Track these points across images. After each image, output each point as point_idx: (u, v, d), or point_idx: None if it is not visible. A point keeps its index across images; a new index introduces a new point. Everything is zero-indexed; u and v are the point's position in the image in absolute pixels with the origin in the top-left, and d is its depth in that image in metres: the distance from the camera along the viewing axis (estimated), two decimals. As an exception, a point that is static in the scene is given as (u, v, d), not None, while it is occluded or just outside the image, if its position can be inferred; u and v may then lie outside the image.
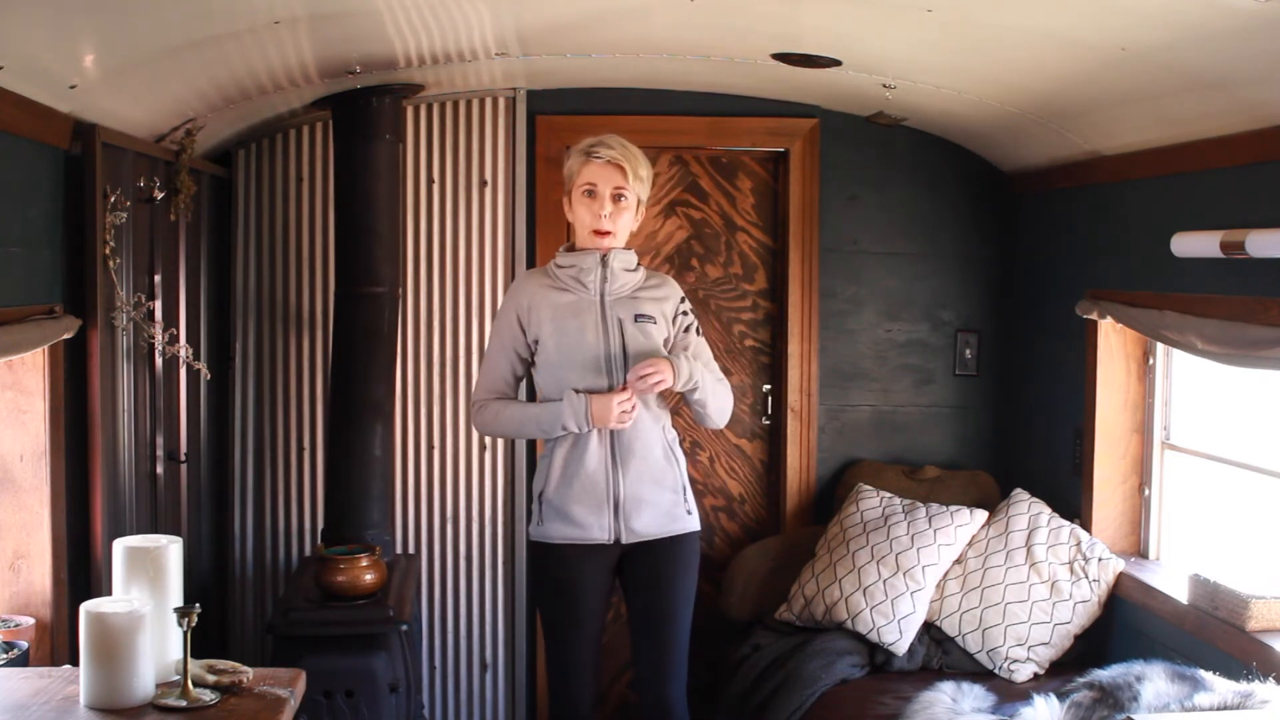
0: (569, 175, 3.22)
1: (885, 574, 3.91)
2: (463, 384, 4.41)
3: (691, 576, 3.30)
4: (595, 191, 3.16)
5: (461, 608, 4.46)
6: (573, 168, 3.20)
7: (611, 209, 3.16)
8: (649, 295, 3.26)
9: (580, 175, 3.18)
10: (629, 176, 3.15)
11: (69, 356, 2.91)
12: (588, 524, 3.20)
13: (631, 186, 3.17)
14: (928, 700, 3.33)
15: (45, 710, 2.24)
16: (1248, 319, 2.91)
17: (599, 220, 3.16)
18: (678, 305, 3.28)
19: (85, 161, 2.92)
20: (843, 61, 3.63)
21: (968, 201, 4.56)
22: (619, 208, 3.18)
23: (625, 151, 3.17)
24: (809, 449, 4.56)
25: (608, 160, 3.14)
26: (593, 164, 3.16)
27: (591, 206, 3.16)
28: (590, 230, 3.18)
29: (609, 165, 3.14)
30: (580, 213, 3.19)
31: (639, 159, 3.20)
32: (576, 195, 3.19)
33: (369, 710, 3.49)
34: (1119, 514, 3.92)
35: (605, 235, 3.18)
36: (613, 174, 3.15)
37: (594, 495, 3.19)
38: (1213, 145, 3.09)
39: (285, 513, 4.40)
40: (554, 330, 3.20)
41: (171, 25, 2.72)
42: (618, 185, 3.16)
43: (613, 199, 3.16)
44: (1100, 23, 2.71)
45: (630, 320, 3.20)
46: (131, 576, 2.40)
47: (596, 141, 3.18)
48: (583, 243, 3.23)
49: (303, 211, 4.36)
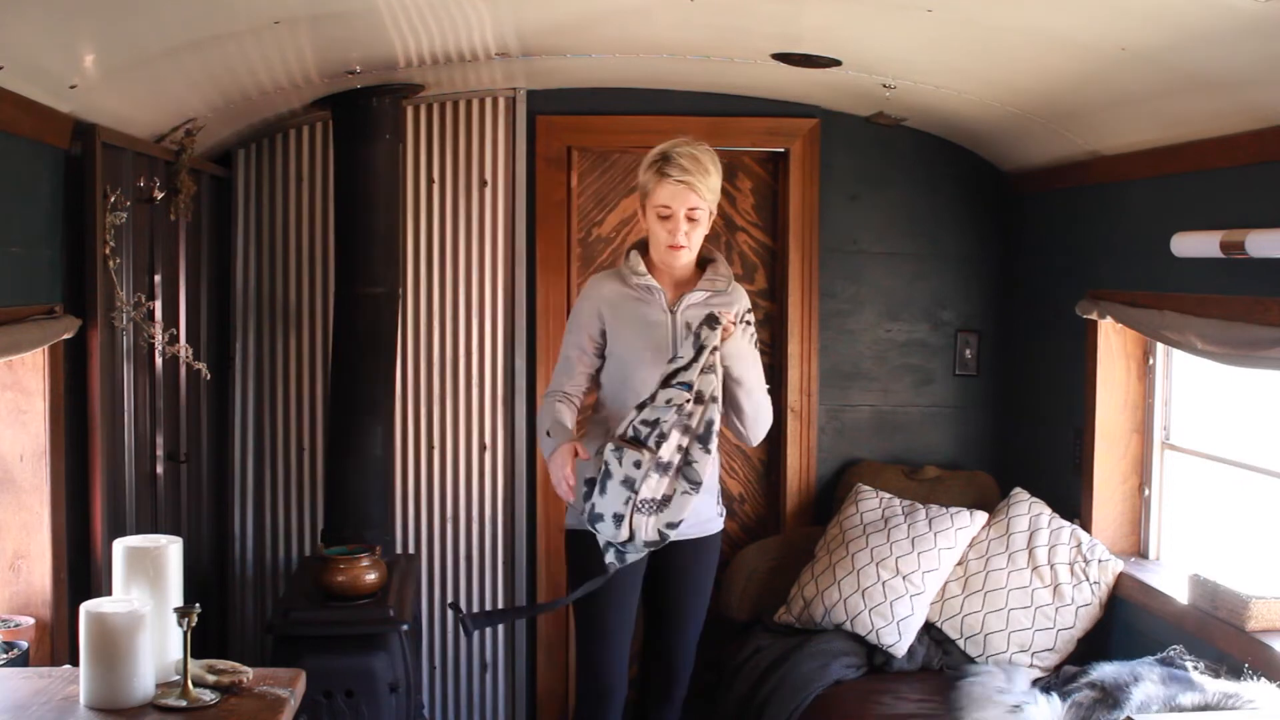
0: (643, 186, 3.24)
1: (885, 576, 3.91)
2: (463, 384, 4.41)
3: (711, 577, 3.49)
4: (670, 213, 3.18)
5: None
6: (646, 183, 3.22)
7: (687, 227, 3.20)
8: (719, 303, 3.28)
9: (654, 195, 3.19)
10: (702, 194, 3.18)
11: (69, 356, 2.92)
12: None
13: (705, 201, 3.20)
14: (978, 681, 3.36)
15: (45, 710, 2.24)
16: (1248, 319, 2.91)
17: (674, 238, 3.20)
18: (743, 314, 3.29)
19: (85, 161, 2.92)
20: (843, 61, 3.63)
21: (968, 201, 4.56)
22: (693, 225, 3.21)
23: (697, 167, 3.16)
24: (809, 449, 4.56)
25: (681, 183, 3.15)
26: (666, 185, 3.16)
27: (666, 225, 3.20)
28: (666, 246, 3.21)
29: (682, 187, 3.15)
30: (655, 230, 3.22)
31: (710, 170, 3.20)
32: (650, 213, 3.23)
33: (369, 710, 3.49)
34: (1119, 514, 3.92)
35: (680, 249, 3.22)
36: (686, 195, 3.16)
37: None
38: (1213, 145, 3.09)
39: (285, 513, 4.40)
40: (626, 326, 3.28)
41: (171, 25, 2.72)
42: (692, 206, 3.18)
43: (687, 219, 3.19)
44: (1100, 23, 2.71)
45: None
46: (131, 576, 2.40)
47: (671, 156, 3.17)
48: (657, 255, 3.26)
49: (303, 211, 4.36)
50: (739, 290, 3.38)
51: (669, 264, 3.27)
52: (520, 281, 4.39)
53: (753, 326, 3.34)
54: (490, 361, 4.41)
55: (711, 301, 3.29)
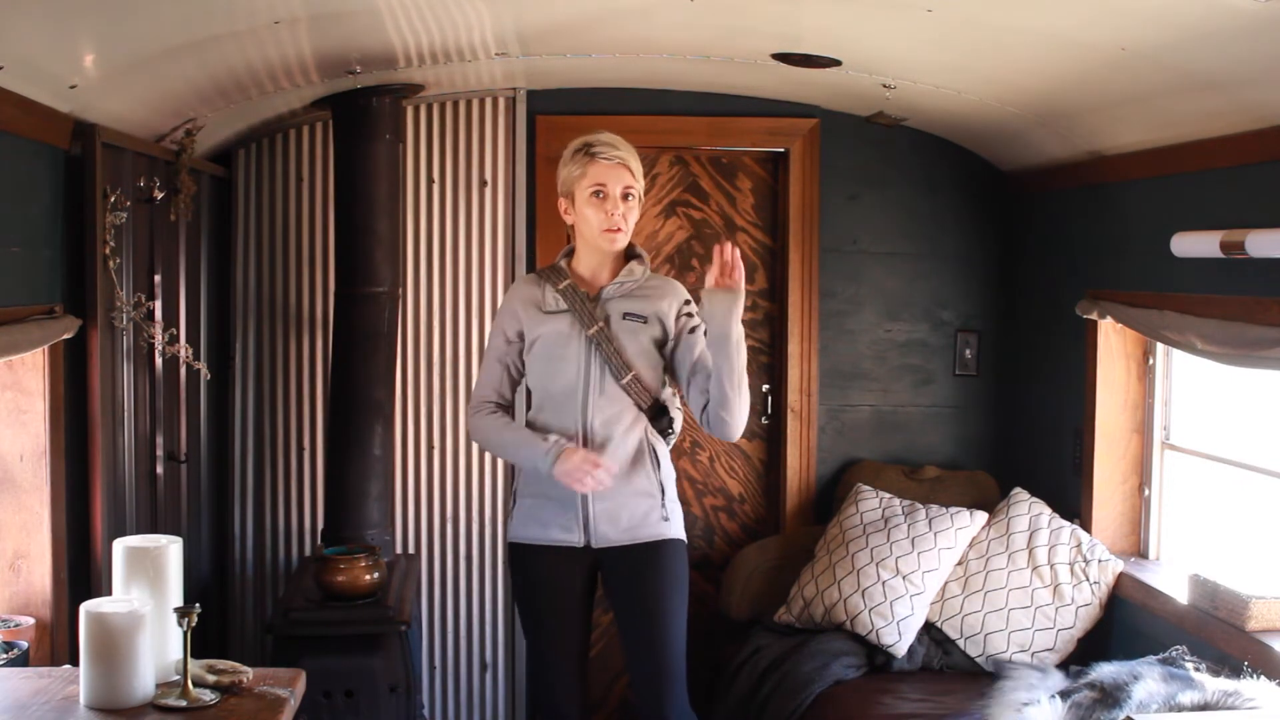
0: (569, 178, 3.15)
1: (885, 576, 3.91)
2: (462, 384, 4.41)
3: (671, 583, 3.15)
4: (605, 192, 3.11)
5: (461, 608, 4.46)
6: (573, 170, 3.14)
7: (623, 208, 3.13)
8: (643, 294, 3.19)
9: (587, 176, 3.12)
10: (635, 174, 3.15)
11: (69, 356, 2.91)
12: (555, 525, 3.14)
13: (638, 183, 3.16)
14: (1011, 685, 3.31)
15: (45, 710, 2.24)
16: (1248, 319, 2.91)
17: (612, 219, 3.12)
18: (680, 307, 3.20)
19: (85, 161, 2.92)
20: (843, 61, 3.63)
21: (968, 201, 4.56)
22: (628, 206, 3.14)
23: (628, 149, 3.15)
24: (809, 449, 4.56)
25: (616, 161, 3.12)
26: (599, 164, 3.11)
27: (603, 206, 3.11)
28: (602, 230, 3.13)
29: (617, 165, 3.12)
30: (589, 214, 3.13)
31: (637, 155, 3.19)
32: (583, 197, 3.13)
33: (369, 710, 3.49)
34: (1119, 514, 3.92)
35: (618, 232, 3.14)
36: (621, 173, 3.12)
37: (563, 496, 3.11)
38: (1213, 145, 3.09)
39: (285, 513, 4.40)
40: (538, 329, 3.19)
41: (171, 25, 2.72)
42: (627, 185, 3.13)
43: (622, 198, 3.13)
44: (1100, 23, 2.71)
45: (618, 317, 3.15)
46: (131, 576, 2.40)
47: (596, 141, 3.14)
48: (593, 242, 3.16)
49: (303, 211, 4.36)
50: (671, 282, 3.24)
51: (605, 249, 3.16)
52: (520, 281, 4.39)
53: (696, 318, 3.17)
54: (490, 361, 4.41)
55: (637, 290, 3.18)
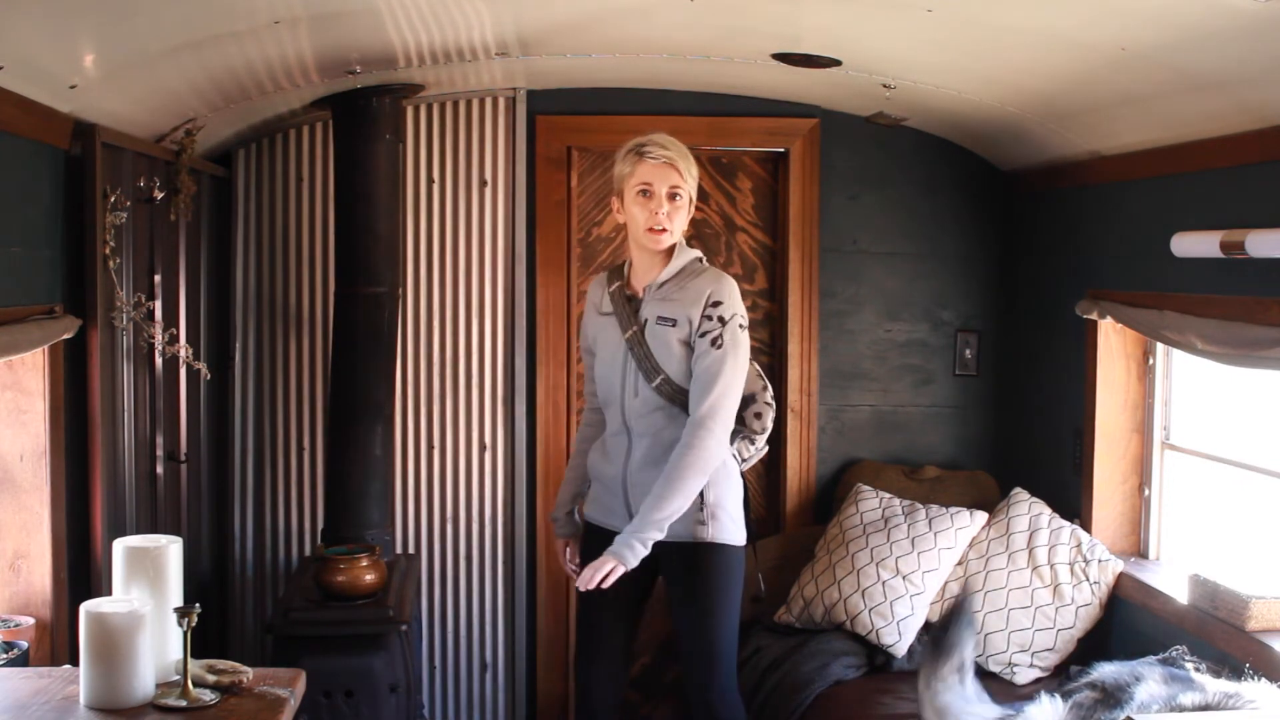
0: (620, 176, 3.20)
1: (885, 576, 3.91)
2: (462, 384, 4.41)
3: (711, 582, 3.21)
4: (651, 191, 3.14)
5: (461, 608, 4.46)
6: (624, 169, 3.18)
7: (668, 208, 3.15)
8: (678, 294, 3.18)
9: (634, 175, 3.15)
10: (684, 175, 3.16)
11: (69, 356, 2.92)
12: (610, 510, 3.31)
13: (686, 184, 3.17)
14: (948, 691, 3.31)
15: (45, 710, 2.24)
16: (1248, 319, 2.91)
17: (656, 218, 3.14)
18: (703, 309, 3.13)
19: (85, 161, 2.92)
20: (843, 61, 3.63)
21: (968, 201, 4.56)
22: (674, 206, 3.16)
23: (679, 150, 3.17)
24: (809, 449, 4.56)
25: (663, 160, 3.14)
26: (647, 163, 3.14)
27: (648, 205, 3.14)
28: (646, 228, 3.15)
29: (664, 165, 3.14)
30: (635, 212, 3.17)
31: (689, 157, 3.20)
32: (630, 195, 3.17)
33: (369, 710, 3.49)
34: (1119, 514, 3.92)
35: (662, 233, 3.16)
36: (668, 173, 3.14)
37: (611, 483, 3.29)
38: (1213, 145, 3.09)
39: (285, 513, 4.40)
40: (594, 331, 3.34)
41: (171, 25, 2.72)
42: (673, 185, 3.15)
43: (669, 198, 3.15)
44: (1100, 23, 2.71)
45: (653, 320, 3.18)
46: (131, 576, 2.40)
47: (648, 141, 3.17)
48: (638, 241, 3.20)
49: (303, 211, 4.36)
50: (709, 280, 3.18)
51: (650, 249, 3.19)
52: (520, 281, 4.39)
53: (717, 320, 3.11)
54: (490, 361, 4.41)
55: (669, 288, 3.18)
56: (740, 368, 3.14)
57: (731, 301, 3.14)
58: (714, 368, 3.10)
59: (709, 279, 3.18)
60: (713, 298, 3.14)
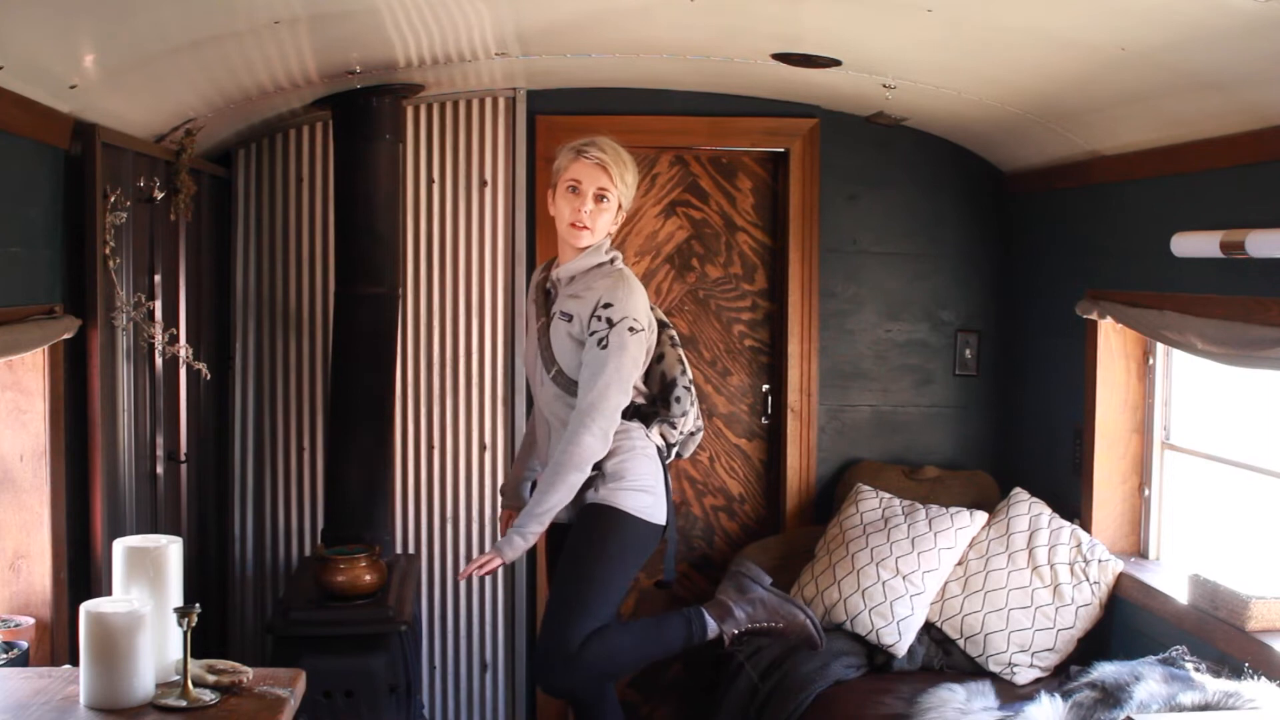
0: (555, 170, 3.29)
1: (885, 576, 3.91)
2: (462, 384, 4.41)
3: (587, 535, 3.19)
4: (579, 189, 3.22)
5: (461, 608, 4.46)
6: (561, 164, 3.27)
7: (592, 207, 3.21)
8: (582, 292, 3.23)
9: (567, 171, 3.24)
10: (614, 178, 3.22)
11: (69, 356, 2.91)
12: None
13: (615, 188, 3.23)
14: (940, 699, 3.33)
15: (45, 710, 2.24)
16: (1248, 319, 2.91)
17: (578, 215, 3.21)
18: (593, 309, 3.17)
19: (85, 161, 2.92)
20: (843, 61, 3.63)
21: (968, 201, 4.56)
22: (600, 207, 3.23)
23: (615, 154, 3.23)
24: (809, 449, 4.56)
25: (596, 161, 3.21)
26: (581, 162, 3.23)
27: (573, 202, 3.22)
28: (569, 223, 3.23)
29: (596, 166, 3.21)
30: (561, 206, 3.25)
31: (626, 164, 3.26)
32: (560, 190, 3.25)
33: (369, 710, 3.49)
34: (1119, 514, 3.92)
35: (583, 230, 3.22)
36: (598, 174, 3.21)
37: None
38: (1213, 145, 3.09)
39: (285, 513, 4.40)
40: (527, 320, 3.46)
41: (171, 25, 2.72)
42: (601, 186, 3.22)
43: (595, 198, 3.22)
44: (1100, 23, 2.72)
45: (559, 314, 3.25)
46: (131, 576, 2.40)
47: (588, 142, 3.25)
48: (561, 235, 3.29)
49: (303, 211, 4.36)
50: (607, 284, 3.19)
51: (570, 243, 3.25)
52: (520, 282, 4.39)
53: (605, 322, 3.14)
54: (490, 361, 4.41)
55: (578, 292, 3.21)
56: (624, 368, 3.15)
57: (623, 305, 3.16)
58: (595, 366, 3.14)
59: (609, 282, 3.22)
60: (604, 300, 3.18)
